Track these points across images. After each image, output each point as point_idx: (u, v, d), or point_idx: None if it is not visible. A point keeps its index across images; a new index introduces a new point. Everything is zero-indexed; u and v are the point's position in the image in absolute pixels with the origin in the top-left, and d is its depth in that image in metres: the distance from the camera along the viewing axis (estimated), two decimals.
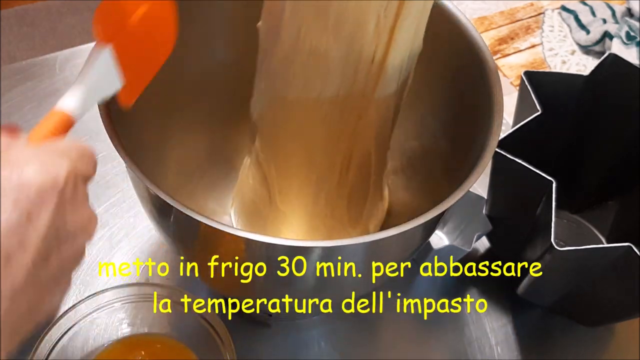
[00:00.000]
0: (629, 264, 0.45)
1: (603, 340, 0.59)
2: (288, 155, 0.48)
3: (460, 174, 0.41)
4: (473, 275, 0.61)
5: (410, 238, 0.41)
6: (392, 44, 0.40)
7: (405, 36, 0.40)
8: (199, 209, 0.49)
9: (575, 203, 0.66)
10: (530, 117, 0.53)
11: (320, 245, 0.35)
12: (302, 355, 0.54)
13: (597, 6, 0.88)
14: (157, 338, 0.50)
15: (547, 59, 0.85)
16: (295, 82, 0.42)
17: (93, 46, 0.34)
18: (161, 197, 0.34)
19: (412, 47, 0.42)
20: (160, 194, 0.35)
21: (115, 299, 0.49)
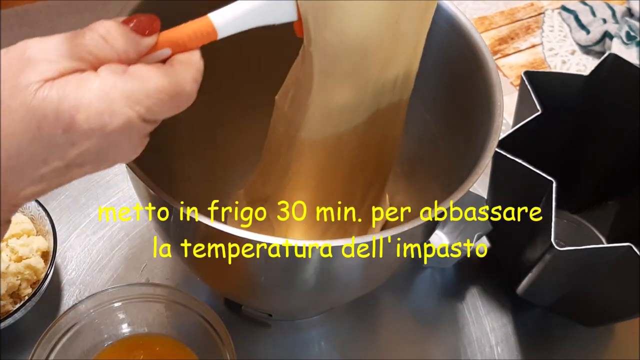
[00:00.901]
0: (629, 264, 0.45)
1: (603, 340, 0.59)
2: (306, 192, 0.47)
3: (461, 174, 0.41)
4: (473, 274, 0.61)
5: (410, 238, 0.41)
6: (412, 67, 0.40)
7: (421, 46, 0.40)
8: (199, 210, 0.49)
9: (575, 203, 0.66)
10: (531, 117, 0.53)
11: (320, 245, 0.35)
12: (302, 355, 0.54)
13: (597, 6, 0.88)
14: (157, 338, 0.50)
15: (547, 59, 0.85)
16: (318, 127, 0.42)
17: None
18: (160, 197, 0.34)
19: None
20: (160, 194, 0.35)
21: (115, 299, 0.49)
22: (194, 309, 0.49)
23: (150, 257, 0.58)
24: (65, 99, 0.26)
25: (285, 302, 0.49)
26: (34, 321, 0.52)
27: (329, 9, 0.35)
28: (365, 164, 0.46)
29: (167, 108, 0.29)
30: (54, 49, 0.27)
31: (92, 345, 0.49)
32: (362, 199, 0.48)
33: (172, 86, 0.29)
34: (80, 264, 0.57)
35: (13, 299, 0.51)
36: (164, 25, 0.33)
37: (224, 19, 0.32)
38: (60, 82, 0.27)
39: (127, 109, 0.28)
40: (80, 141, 0.27)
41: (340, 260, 0.38)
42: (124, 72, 0.28)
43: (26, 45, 0.28)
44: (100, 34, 0.28)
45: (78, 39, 0.28)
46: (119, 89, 0.27)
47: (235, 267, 0.42)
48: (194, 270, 0.49)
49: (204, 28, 0.31)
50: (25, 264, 0.51)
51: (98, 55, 0.28)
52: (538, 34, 0.89)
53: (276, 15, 0.34)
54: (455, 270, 0.61)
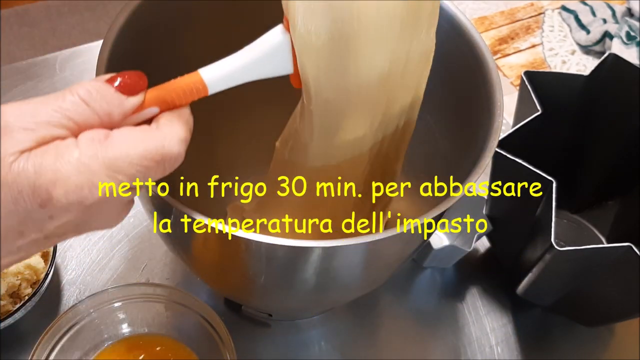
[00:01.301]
0: (629, 264, 0.45)
1: (603, 340, 0.59)
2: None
3: (460, 174, 0.40)
4: (473, 274, 0.61)
5: (411, 238, 0.41)
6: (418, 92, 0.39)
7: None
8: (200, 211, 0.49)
9: (576, 203, 0.66)
10: (531, 117, 0.53)
11: (320, 245, 0.35)
12: (302, 355, 0.54)
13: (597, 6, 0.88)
14: (157, 338, 0.50)
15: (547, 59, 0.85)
16: (319, 162, 0.41)
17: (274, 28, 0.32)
18: (161, 197, 0.34)
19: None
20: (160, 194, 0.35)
21: (115, 299, 0.49)
22: (194, 309, 0.49)
23: (151, 257, 0.58)
24: (42, 172, 0.25)
25: (285, 302, 0.49)
26: (34, 321, 0.52)
27: (331, 68, 0.34)
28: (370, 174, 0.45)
29: (153, 173, 0.27)
30: (31, 115, 0.26)
31: (92, 345, 0.50)
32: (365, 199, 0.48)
33: (158, 150, 0.27)
34: (80, 264, 0.57)
35: (13, 299, 0.51)
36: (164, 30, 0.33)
37: (215, 75, 0.31)
38: (37, 154, 0.25)
39: (108, 179, 0.26)
40: (59, 215, 0.26)
41: (340, 260, 0.38)
42: (105, 139, 0.26)
43: (2, 111, 0.26)
44: (81, 96, 0.27)
45: (57, 103, 0.26)
46: (99, 159, 0.26)
47: (235, 267, 0.42)
48: (194, 270, 0.49)
49: (194, 85, 0.30)
50: (25, 263, 0.51)
51: (78, 120, 0.26)
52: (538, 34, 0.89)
53: (271, 69, 0.33)
54: (455, 270, 0.61)
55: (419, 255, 0.60)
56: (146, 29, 0.44)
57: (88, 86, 0.27)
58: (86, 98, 0.27)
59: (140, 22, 0.43)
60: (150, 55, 0.46)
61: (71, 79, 0.72)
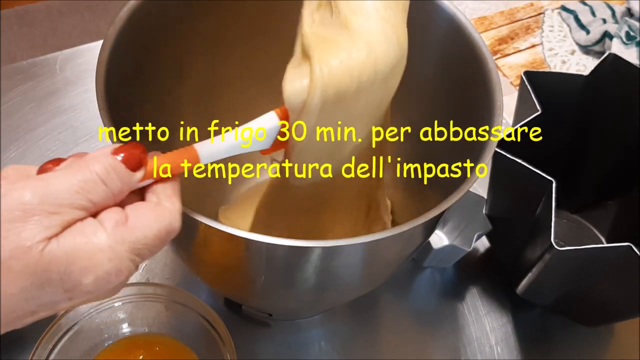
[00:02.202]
0: (628, 263, 0.45)
1: (603, 339, 0.59)
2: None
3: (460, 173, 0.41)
4: (473, 274, 0.61)
5: (410, 238, 0.41)
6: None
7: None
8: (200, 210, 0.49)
9: (575, 203, 0.66)
10: (530, 117, 0.53)
11: (320, 245, 0.35)
12: (302, 355, 0.54)
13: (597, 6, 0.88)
14: (157, 338, 0.51)
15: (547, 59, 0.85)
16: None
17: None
18: None
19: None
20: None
21: (115, 299, 0.49)
22: (194, 308, 0.49)
23: None
24: (73, 260, 0.25)
25: (285, 302, 0.49)
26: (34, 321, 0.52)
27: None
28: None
29: (158, 249, 0.28)
30: (54, 197, 0.25)
31: (92, 345, 0.50)
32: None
33: (167, 229, 0.28)
34: None
35: None
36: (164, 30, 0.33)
37: (209, 151, 0.33)
38: (66, 239, 0.25)
39: (131, 264, 0.27)
40: (79, 297, 0.26)
41: (340, 260, 0.38)
42: (126, 221, 0.27)
43: (21, 193, 0.25)
44: (100, 176, 0.27)
45: (77, 183, 0.26)
46: (125, 244, 0.26)
47: (235, 267, 0.42)
48: (194, 270, 0.49)
49: (189, 158, 0.32)
50: None
51: (97, 201, 0.27)
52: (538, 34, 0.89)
53: (256, 146, 0.36)
54: (455, 270, 0.61)
55: (419, 254, 0.60)
56: (146, 29, 0.44)
57: (105, 163, 0.27)
58: (105, 178, 0.27)
59: (140, 23, 0.43)
60: (150, 56, 0.46)
61: (71, 79, 0.72)
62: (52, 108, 0.69)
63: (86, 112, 0.68)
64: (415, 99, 0.52)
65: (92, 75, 0.38)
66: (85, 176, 0.26)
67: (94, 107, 0.36)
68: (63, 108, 0.69)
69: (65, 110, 0.69)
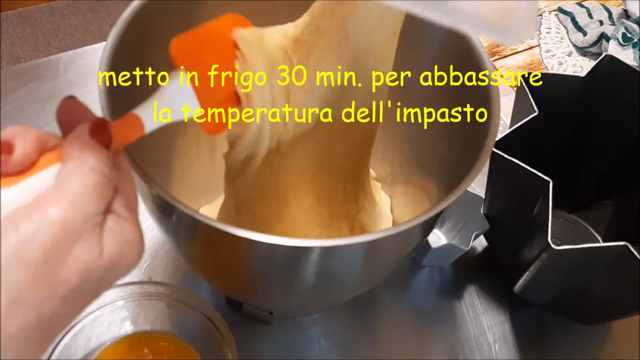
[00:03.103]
0: (625, 262, 0.46)
1: (600, 338, 0.60)
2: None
3: (458, 174, 0.41)
4: (471, 273, 0.62)
5: (409, 237, 0.41)
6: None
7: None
8: (201, 209, 0.49)
9: (572, 202, 0.66)
10: (528, 118, 0.53)
11: (320, 245, 0.35)
12: (303, 353, 0.55)
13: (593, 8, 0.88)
14: (159, 336, 0.51)
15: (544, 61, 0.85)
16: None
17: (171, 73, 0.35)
18: (163, 197, 0.35)
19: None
20: (162, 194, 0.35)
21: (118, 297, 0.49)
22: (196, 307, 0.49)
23: (152, 255, 0.59)
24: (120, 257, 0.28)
25: (285, 300, 0.50)
26: None
27: None
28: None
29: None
30: (88, 209, 0.26)
31: (94, 344, 0.50)
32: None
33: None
34: None
35: None
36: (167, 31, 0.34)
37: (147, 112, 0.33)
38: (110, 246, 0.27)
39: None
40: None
41: (339, 259, 0.39)
42: (125, 198, 0.29)
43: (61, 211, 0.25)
44: (105, 175, 0.27)
45: (97, 191, 0.27)
46: (136, 214, 0.30)
47: (235, 266, 0.42)
48: (196, 269, 0.49)
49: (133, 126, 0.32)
50: None
51: (110, 197, 0.28)
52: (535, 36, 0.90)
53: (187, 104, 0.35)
54: (453, 268, 0.62)
55: (418, 253, 0.60)
56: (149, 31, 0.44)
57: (97, 157, 0.27)
58: (107, 174, 0.28)
59: (143, 24, 0.43)
60: (153, 57, 0.46)
61: (74, 81, 0.72)
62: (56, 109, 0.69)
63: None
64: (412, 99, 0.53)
65: (95, 76, 0.38)
66: (95, 180, 0.27)
67: (97, 109, 0.36)
68: None
69: None
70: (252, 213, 0.47)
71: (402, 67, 0.50)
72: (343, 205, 0.49)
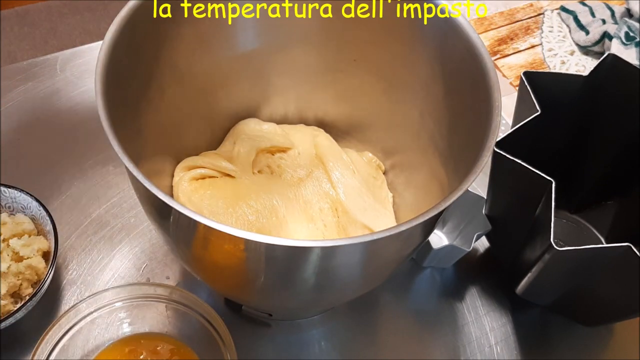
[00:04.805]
0: (628, 263, 0.46)
1: (602, 339, 0.59)
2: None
3: (459, 174, 0.41)
4: (472, 274, 0.61)
5: (410, 237, 0.41)
6: None
7: None
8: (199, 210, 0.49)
9: (575, 203, 0.66)
10: (530, 118, 0.53)
11: (320, 245, 0.35)
12: (303, 354, 0.54)
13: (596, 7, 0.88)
14: (157, 338, 0.51)
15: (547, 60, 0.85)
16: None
17: None
18: (160, 198, 0.35)
19: None
20: (159, 195, 0.35)
21: (116, 299, 0.49)
22: (194, 308, 0.49)
23: (151, 257, 0.58)
24: None
25: (285, 302, 0.49)
26: (35, 321, 0.52)
27: None
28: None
29: None
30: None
31: (92, 345, 0.50)
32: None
33: None
34: (80, 264, 0.57)
35: (14, 299, 0.51)
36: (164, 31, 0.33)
37: None
38: None
39: None
40: None
41: (339, 260, 0.39)
42: None
43: None
44: None
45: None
46: None
47: (234, 267, 0.42)
48: (194, 270, 0.49)
49: None
50: (26, 264, 0.51)
51: None
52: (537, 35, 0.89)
53: None
54: (454, 270, 0.61)
55: (419, 254, 0.60)
56: (146, 30, 0.44)
57: None
58: None
59: (140, 23, 0.43)
60: (150, 56, 0.46)
61: (72, 80, 0.72)
62: (53, 108, 0.69)
63: (86, 112, 0.69)
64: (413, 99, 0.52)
65: (92, 75, 0.38)
66: None
67: (94, 107, 0.36)
68: (64, 108, 0.69)
69: (66, 110, 0.69)
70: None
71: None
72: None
